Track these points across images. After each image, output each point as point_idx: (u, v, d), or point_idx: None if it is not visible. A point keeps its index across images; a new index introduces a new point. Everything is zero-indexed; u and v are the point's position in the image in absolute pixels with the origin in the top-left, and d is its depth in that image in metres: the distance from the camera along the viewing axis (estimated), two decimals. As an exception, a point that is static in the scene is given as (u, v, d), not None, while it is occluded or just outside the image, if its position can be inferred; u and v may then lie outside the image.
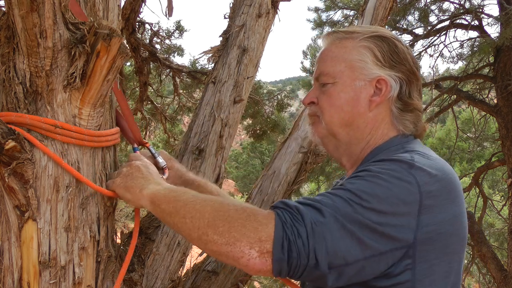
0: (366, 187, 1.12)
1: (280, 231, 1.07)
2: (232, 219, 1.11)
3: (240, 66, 2.25)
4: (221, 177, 2.21)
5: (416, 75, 1.35)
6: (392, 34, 1.38)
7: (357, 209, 1.09)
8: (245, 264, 1.08)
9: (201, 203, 1.18)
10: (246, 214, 1.11)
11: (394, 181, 1.12)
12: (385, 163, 1.19)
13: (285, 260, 1.06)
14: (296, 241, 1.06)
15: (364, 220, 1.08)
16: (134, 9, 4.06)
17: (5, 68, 1.34)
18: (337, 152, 1.40)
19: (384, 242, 1.09)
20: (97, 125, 1.41)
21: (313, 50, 9.03)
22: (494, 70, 7.65)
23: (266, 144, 20.78)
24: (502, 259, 8.79)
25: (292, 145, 2.31)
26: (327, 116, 1.34)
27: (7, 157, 1.24)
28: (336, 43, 1.37)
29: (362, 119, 1.32)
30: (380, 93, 1.31)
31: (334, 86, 1.33)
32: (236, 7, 2.40)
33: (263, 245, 1.07)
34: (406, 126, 1.33)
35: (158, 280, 1.69)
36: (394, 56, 1.32)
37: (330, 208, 1.09)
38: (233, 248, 1.09)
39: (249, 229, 1.08)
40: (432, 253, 1.14)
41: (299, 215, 1.09)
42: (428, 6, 7.95)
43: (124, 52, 1.32)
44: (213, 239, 1.11)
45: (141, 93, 5.40)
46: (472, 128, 9.77)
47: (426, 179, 1.14)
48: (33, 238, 1.31)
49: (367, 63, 1.31)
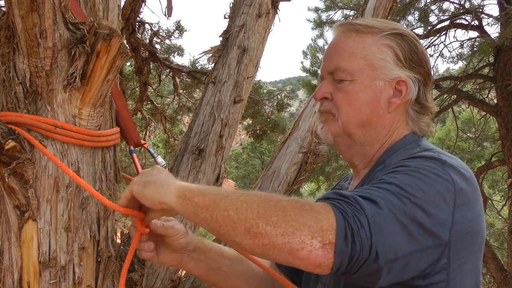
0: (410, 181, 1.08)
1: (342, 221, 0.97)
2: (286, 208, 1.00)
3: (240, 66, 2.25)
4: (221, 177, 2.21)
5: (431, 77, 1.32)
6: (411, 32, 1.32)
7: (406, 202, 1.04)
8: (306, 257, 0.97)
9: (245, 194, 1.06)
10: (300, 204, 1.01)
11: (435, 178, 1.10)
12: (418, 160, 1.15)
13: (348, 253, 0.97)
14: (360, 231, 0.97)
15: (412, 213, 1.04)
16: (134, 9, 4.06)
17: (5, 68, 1.34)
18: (349, 152, 1.35)
19: (428, 238, 1.06)
20: (97, 125, 1.41)
21: (313, 50, 9.03)
22: (494, 70, 7.65)
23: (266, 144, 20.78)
24: (502, 259, 8.80)
25: (292, 145, 2.31)
26: (345, 116, 1.28)
27: (7, 157, 1.24)
28: (353, 37, 1.29)
29: (380, 121, 1.28)
30: (400, 94, 1.27)
31: (352, 84, 1.27)
32: (236, 7, 2.40)
33: (325, 235, 0.96)
34: (421, 129, 1.31)
35: (158, 280, 1.69)
36: (414, 56, 1.28)
37: (384, 200, 1.03)
38: (291, 239, 0.97)
39: (308, 218, 0.97)
40: (462, 252, 1.13)
41: (358, 205, 1.01)
42: (428, 6, 7.96)
43: (124, 52, 1.32)
44: (266, 231, 0.99)
45: (141, 93, 5.40)
46: (472, 128, 9.77)
47: (457, 177, 1.12)
48: (33, 238, 1.31)
49: (388, 63, 1.26)
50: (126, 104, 1.60)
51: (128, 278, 1.54)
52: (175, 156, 2.19)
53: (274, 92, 7.89)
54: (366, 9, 2.61)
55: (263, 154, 27.82)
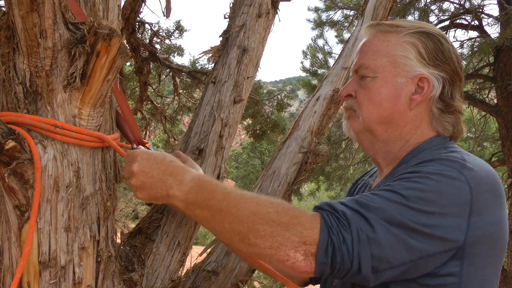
0: (414, 188, 1.09)
1: (325, 237, 1.05)
2: (274, 223, 1.08)
3: (240, 66, 2.25)
4: (221, 177, 2.20)
5: (460, 76, 1.30)
6: (438, 31, 1.32)
7: (404, 211, 1.06)
8: (291, 266, 1.07)
9: (237, 206, 1.13)
10: (288, 217, 1.08)
11: (445, 181, 1.10)
12: (435, 163, 1.15)
13: (328, 264, 1.05)
14: (341, 247, 1.04)
15: (411, 223, 1.06)
16: (134, 9, 4.06)
17: (5, 68, 1.34)
18: (372, 149, 1.36)
19: (433, 244, 1.07)
20: (97, 125, 1.41)
21: (313, 50, 9.03)
22: (494, 70, 7.65)
23: (266, 144, 20.78)
24: (502, 259, 8.79)
25: (292, 145, 2.31)
26: (365, 112, 1.30)
27: (7, 157, 1.24)
28: (379, 36, 1.31)
29: (402, 118, 1.28)
30: (422, 91, 1.27)
31: (374, 80, 1.28)
32: (236, 7, 2.40)
33: (308, 248, 1.06)
34: (445, 128, 1.30)
35: (158, 280, 1.69)
36: (439, 54, 1.27)
37: (375, 213, 1.07)
38: (277, 252, 1.07)
39: (294, 233, 1.06)
40: (480, 257, 1.12)
41: (345, 220, 1.06)
42: (428, 6, 7.96)
43: (124, 52, 1.32)
44: (256, 243, 1.09)
45: (141, 93, 5.40)
46: (472, 128, 9.77)
47: (477, 180, 1.11)
48: (33, 238, 1.31)
49: (411, 60, 1.26)
50: (127, 103, 1.60)
51: (128, 278, 1.54)
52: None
53: (274, 92, 7.89)
54: (366, 9, 2.61)
55: (263, 154, 27.84)
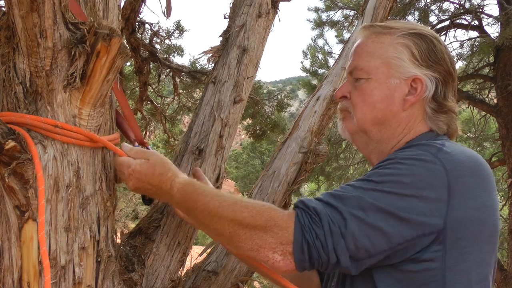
0: (387, 174, 1.12)
1: (299, 235, 1.10)
2: (251, 227, 1.15)
3: (240, 66, 2.24)
4: (221, 177, 2.20)
5: (453, 76, 1.32)
6: (431, 32, 1.34)
7: (379, 197, 1.09)
8: (272, 266, 1.15)
9: (218, 215, 1.21)
10: (264, 219, 1.15)
11: (417, 164, 1.12)
12: (412, 149, 1.19)
13: (306, 261, 1.11)
14: (315, 243, 1.09)
15: (387, 207, 1.08)
16: (134, 9, 4.06)
17: (5, 68, 1.34)
18: (366, 149, 1.38)
19: (410, 228, 1.08)
20: (97, 125, 1.41)
21: (313, 50, 9.03)
22: (494, 70, 7.65)
23: (266, 144, 20.79)
24: (502, 259, 8.80)
25: (292, 145, 2.31)
26: (359, 113, 1.32)
27: (7, 157, 1.24)
28: (373, 38, 1.33)
29: (395, 118, 1.29)
30: (415, 92, 1.28)
31: (368, 82, 1.30)
32: (236, 7, 2.40)
33: (284, 248, 1.12)
34: (439, 127, 1.31)
35: (158, 280, 1.69)
36: (431, 55, 1.29)
37: (349, 202, 1.10)
38: (257, 254, 1.15)
39: (270, 235, 1.13)
40: (464, 241, 1.13)
41: (317, 216, 1.11)
42: (428, 6, 7.95)
43: (124, 52, 1.32)
44: (239, 246, 1.18)
45: (141, 93, 5.40)
46: (472, 128, 9.77)
47: (454, 164, 1.13)
48: (33, 238, 1.31)
49: (404, 61, 1.28)
50: (128, 103, 1.61)
51: (128, 278, 1.54)
52: (175, 156, 2.19)
53: (274, 92, 7.89)
54: (366, 9, 2.61)
55: (263, 154, 27.84)
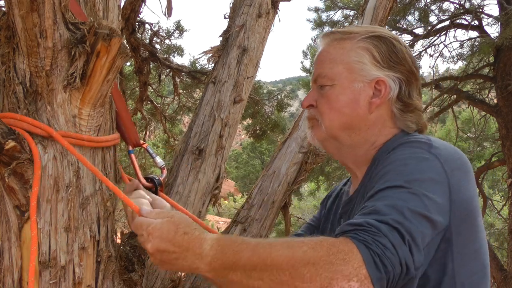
0: (403, 175, 1.09)
1: (366, 251, 0.99)
2: (314, 261, 0.99)
3: (240, 66, 2.25)
4: (221, 177, 2.21)
5: (415, 75, 1.34)
6: (390, 33, 1.36)
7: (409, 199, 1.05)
8: None
9: (270, 257, 1.03)
10: (325, 248, 1.00)
11: (423, 163, 1.11)
12: (405, 148, 1.18)
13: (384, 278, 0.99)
14: (385, 253, 0.99)
15: (417, 209, 1.04)
16: (134, 9, 4.06)
17: (5, 68, 1.34)
18: (339, 155, 1.39)
19: (433, 227, 1.06)
20: (97, 125, 1.41)
21: (313, 50, 9.03)
22: (494, 70, 7.64)
23: (266, 144, 20.79)
24: (502, 259, 8.80)
25: (292, 145, 2.31)
26: (327, 120, 1.33)
27: (7, 157, 1.24)
28: (334, 44, 1.35)
29: (364, 122, 1.31)
30: (380, 94, 1.30)
31: (332, 88, 1.31)
32: (236, 7, 2.40)
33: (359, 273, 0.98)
34: (408, 127, 1.33)
35: (158, 280, 1.69)
36: (392, 56, 1.31)
37: (390, 213, 1.04)
38: None
39: (338, 263, 0.98)
40: (464, 232, 1.14)
41: (374, 228, 1.02)
42: (428, 6, 7.95)
43: (124, 52, 1.32)
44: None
45: (141, 93, 5.39)
46: (472, 128, 9.77)
47: (445, 157, 1.14)
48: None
49: (365, 64, 1.29)
50: (125, 105, 1.60)
51: (128, 278, 1.54)
52: (175, 156, 2.19)
53: (274, 92, 7.89)
54: (366, 9, 2.61)
55: (263, 154, 27.85)
